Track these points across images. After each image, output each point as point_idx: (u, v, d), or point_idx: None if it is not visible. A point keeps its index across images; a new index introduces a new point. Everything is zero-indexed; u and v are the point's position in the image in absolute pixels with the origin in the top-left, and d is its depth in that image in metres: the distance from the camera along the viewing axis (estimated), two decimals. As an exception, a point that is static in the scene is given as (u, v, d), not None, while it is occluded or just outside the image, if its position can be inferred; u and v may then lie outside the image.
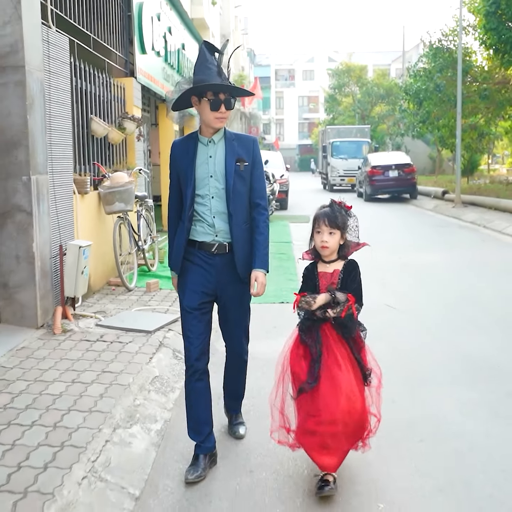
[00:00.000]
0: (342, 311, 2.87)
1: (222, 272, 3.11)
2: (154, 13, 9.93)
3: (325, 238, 2.94)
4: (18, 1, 4.73)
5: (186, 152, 3.11)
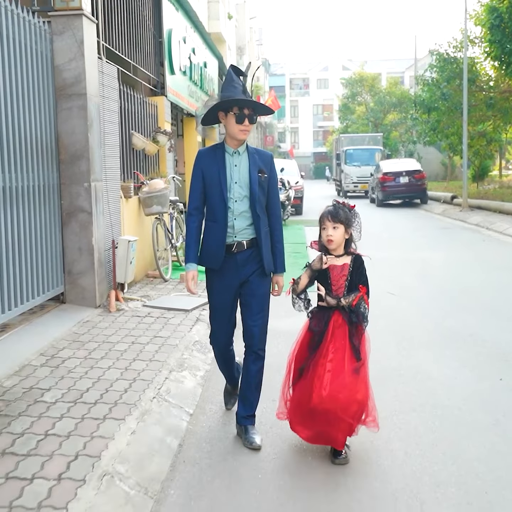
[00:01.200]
0: (354, 300, 3.20)
1: (244, 267, 3.46)
2: (181, 37, 11.07)
3: (329, 232, 3.25)
4: (82, 42, 5.84)
5: (213, 160, 3.45)
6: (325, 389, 3.08)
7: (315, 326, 3.26)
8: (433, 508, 2.78)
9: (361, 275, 3.27)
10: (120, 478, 2.87)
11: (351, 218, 3.28)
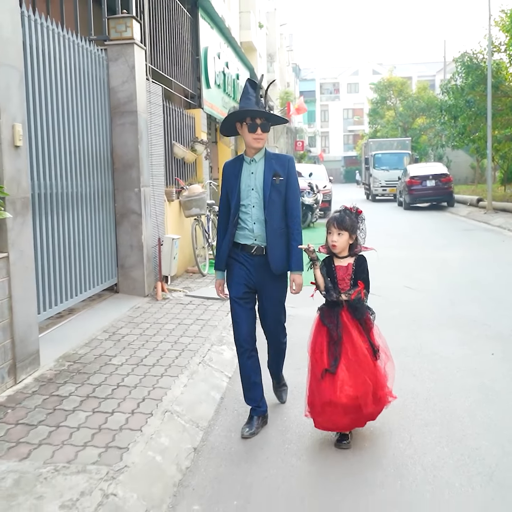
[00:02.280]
0: (352, 295, 3.47)
1: (260, 271, 3.66)
2: (216, 53, 11.99)
3: (334, 238, 3.48)
4: (133, 66, 6.78)
5: (234, 170, 3.71)
6: (356, 382, 3.37)
7: (328, 322, 3.49)
8: (419, 439, 3.57)
9: (362, 272, 3.53)
10: (178, 414, 3.74)
11: (356, 224, 3.52)
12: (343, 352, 3.40)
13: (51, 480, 2.84)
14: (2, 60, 3.97)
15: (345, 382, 3.36)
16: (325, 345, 3.46)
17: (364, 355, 3.41)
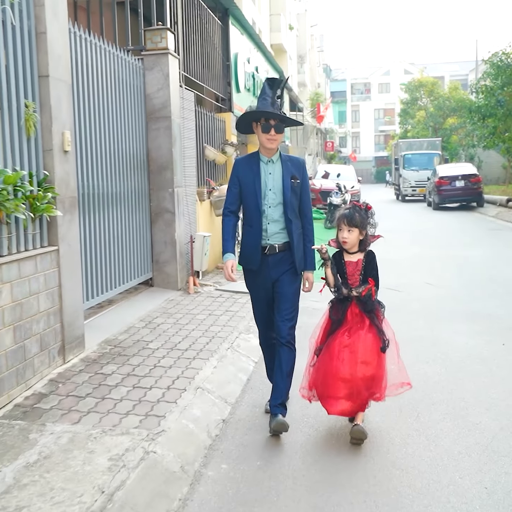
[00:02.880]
0: (363, 291, 3.57)
1: (274, 268, 3.74)
2: (245, 58, 12.44)
3: (344, 235, 3.59)
4: (167, 75, 7.25)
5: (249, 168, 3.71)
6: (342, 367, 3.51)
7: (334, 315, 3.65)
8: (426, 415, 3.94)
9: (372, 269, 3.62)
10: (208, 391, 4.18)
11: (366, 220, 3.62)
12: (337, 340, 3.56)
13: (100, 439, 3.31)
14: (53, 75, 4.46)
15: (336, 365, 3.53)
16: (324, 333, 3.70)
17: (365, 347, 3.51)
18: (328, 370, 3.57)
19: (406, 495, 2.99)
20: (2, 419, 3.58)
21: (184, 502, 2.95)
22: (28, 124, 4.20)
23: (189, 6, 9.00)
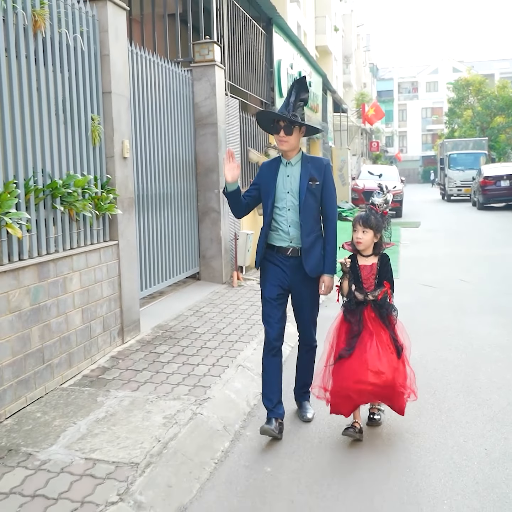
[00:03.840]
0: (379, 295, 3.60)
1: (296, 272, 3.68)
2: (288, 64, 12.97)
3: (359, 235, 3.60)
4: (214, 84, 7.86)
5: (270, 171, 3.70)
6: (368, 367, 3.48)
7: (351, 317, 3.63)
8: (441, 393, 4.40)
9: (386, 272, 3.65)
10: (248, 368, 4.74)
11: (381, 224, 3.64)
12: (361, 344, 3.55)
13: (155, 402, 3.91)
14: (115, 91, 5.10)
15: (358, 369, 3.51)
16: (345, 339, 3.64)
17: (385, 349, 3.54)
18: (351, 374, 3.53)
19: (415, 453, 3.48)
20: (73, 386, 4.23)
21: (226, 454, 3.52)
22: (94, 135, 4.85)
23: (234, 18, 9.60)
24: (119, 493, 2.85)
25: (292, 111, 3.53)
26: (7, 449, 3.27)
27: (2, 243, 3.70)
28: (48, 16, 4.18)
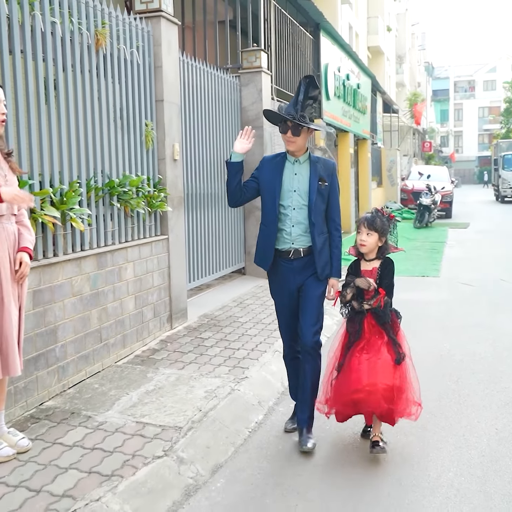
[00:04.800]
0: (374, 302, 3.41)
1: (300, 273, 3.56)
2: (336, 68, 13.30)
3: (363, 237, 3.46)
4: (260, 90, 8.30)
5: (274, 166, 3.56)
6: (363, 377, 3.34)
7: (350, 328, 3.51)
8: (464, 381, 4.70)
9: (386, 277, 3.47)
10: (284, 354, 5.15)
11: (387, 227, 3.49)
12: (358, 353, 3.43)
13: (198, 379, 4.37)
14: (167, 99, 5.60)
15: (365, 372, 3.36)
16: (342, 350, 3.56)
17: (385, 359, 3.37)
18: (347, 385, 3.43)
19: (430, 429, 3.82)
20: (126, 364, 4.74)
21: (259, 425, 3.94)
22: (147, 139, 5.36)
23: (281, 24, 10.02)
24: (164, 449, 3.32)
25: (300, 111, 3.39)
26: (70, 412, 3.80)
27: (67, 235, 4.23)
28: (108, 34, 4.70)
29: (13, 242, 3.18)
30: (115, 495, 2.88)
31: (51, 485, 2.93)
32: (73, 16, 4.30)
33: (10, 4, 3.67)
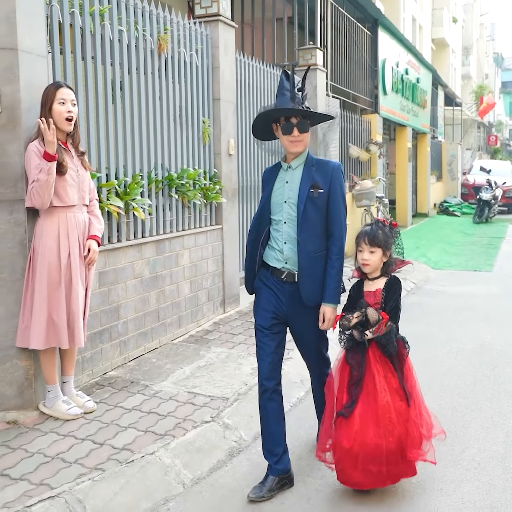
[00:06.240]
0: (375, 329, 2.89)
1: (292, 301, 3.01)
2: (394, 63, 13.37)
3: (365, 256, 2.97)
4: (315, 86, 8.58)
5: (270, 178, 3.12)
6: (373, 431, 2.86)
7: (351, 359, 2.99)
8: (500, 368, 4.89)
9: (390, 299, 2.96)
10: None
11: (391, 240, 3.02)
12: (363, 394, 2.94)
13: (246, 358, 4.75)
14: (223, 98, 5.98)
15: (361, 428, 2.88)
16: (346, 387, 3.01)
17: (386, 403, 2.90)
18: (352, 435, 2.90)
19: (460, 411, 4.06)
20: (181, 342, 5.17)
21: (300, 400, 4.28)
22: (204, 135, 5.75)
23: (338, 21, 10.24)
24: (212, 416, 3.71)
25: (301, 103, 2.97)
26: (130, 381, 4.24)
27: (129, 223, 4.67)
28: (170, 39, 5.11)
29: (83, 230, 3.62)
30: (167, 450, 3.29)
31: (113, 440, 3.36)
32: (138, 24, 4.72)
33: (83, 16, 4.12)
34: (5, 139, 3.45)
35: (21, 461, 3.10)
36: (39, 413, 3.63)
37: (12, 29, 3.39)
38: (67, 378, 3.75)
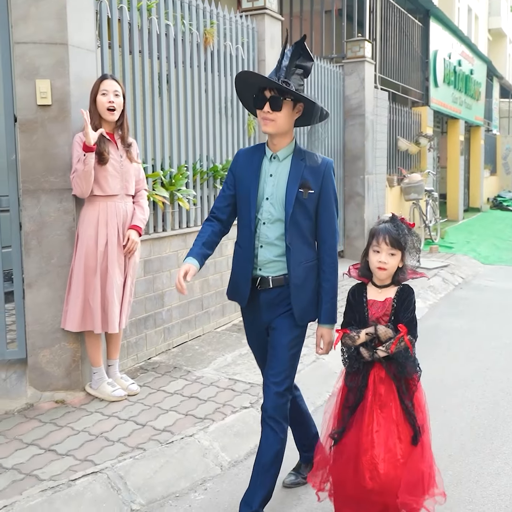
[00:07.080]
0: (391, 345, 2.40)
1: (266, 309, 2.62)
2: (446, 54, 13.11)
3: (383, 258, 2.48)
4: (363, 79, 8.52)
5: (249, 166, 2.61)
6: (376, 468, 2.39)
7: (350, 381, 2.55)
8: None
9: (405, 311, 2.46)
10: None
11: (408, 242, 2.52)
12: (360, 421, 2.48)
13: (287, 347, 4.80)
14: (269, 90, 6.02)
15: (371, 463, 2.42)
16: (339, 411, 2.62)
17: (392, 430, 2.44)
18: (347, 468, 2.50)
19: (503, 405, 4.03)
20: (224, 331, 5.27)
21: (339, 390, 4.30)
22: (249, 128, 5.82)
23: (388, 12, 10.12)
24: (251, 402, 3.78)
25: (284, 78, 2.43)
26: (173, 366, 4.36)
27: (174, 213, 4.78)
28: (216, 33, 5.18)
29: (123, 219, 3.69)
30: (206, 433, 3.38)
31: (154, 421, 3.48)
32: (184, 18, 4.82)
33: (131, 11, 4.24)
34: (56, 131, 3.60)
35: (67, 438, 3.26)
36: (86, 394, 3.78)
37: (62, 25, 3.52)
38: (112, 362, 3.89)
